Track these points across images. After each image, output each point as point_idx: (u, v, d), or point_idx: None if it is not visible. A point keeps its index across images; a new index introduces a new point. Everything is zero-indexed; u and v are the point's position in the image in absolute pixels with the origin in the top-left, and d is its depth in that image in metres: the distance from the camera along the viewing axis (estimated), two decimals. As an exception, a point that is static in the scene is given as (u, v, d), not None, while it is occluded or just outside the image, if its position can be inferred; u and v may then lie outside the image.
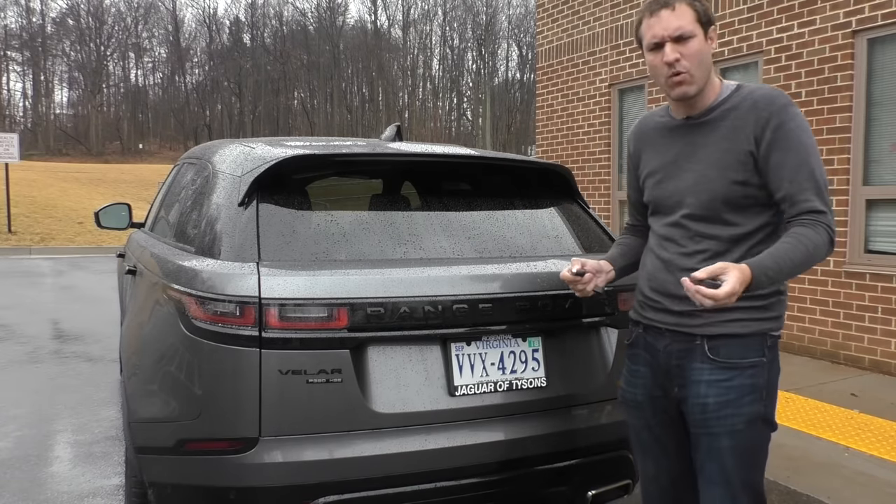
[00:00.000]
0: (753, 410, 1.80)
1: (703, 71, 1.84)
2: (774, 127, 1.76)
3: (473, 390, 2.25)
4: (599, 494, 2.48)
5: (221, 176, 2.59)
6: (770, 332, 1.83)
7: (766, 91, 1.82)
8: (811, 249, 1.70)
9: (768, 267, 1.67)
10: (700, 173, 1.85)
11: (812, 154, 1.77)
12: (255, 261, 2.19)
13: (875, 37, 5.31)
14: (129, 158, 54.42)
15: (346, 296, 2.11)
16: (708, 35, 1.85)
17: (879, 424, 4.06)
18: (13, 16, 73.01)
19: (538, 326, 2.38)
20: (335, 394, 2.08)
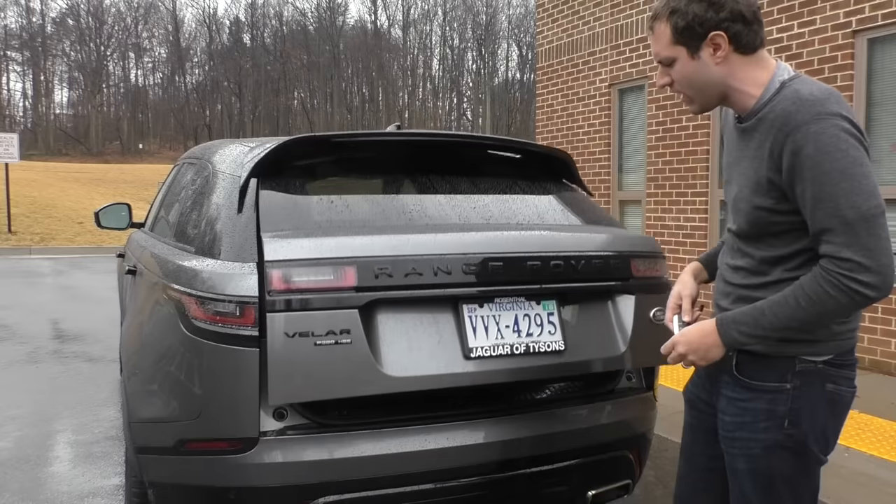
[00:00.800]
0: (770, 438, 1.63)
1: (697, 91, 1.66)
2: (790, 153, 1.50)
3: (489, 352, 2.18)
4: (599, 494, 2.48)
5: (221, 176, 2.59)
6: (802, 357, 1.62)
7: (788, 104, 1.53)
8: (811, 308, 1.50)
9: (742, 323, 1.57)
10: (739, 188, 1.68)
11: (839, 182, 1.45)
12: (255, 261, 2.19)
13: (875, 37, 5.31)
14: (129, 158, 54.41)
15: (352, 254, 2.06)
16: (703, 47, 1.60)
17: (879, 424, 4.06)
18: (13, 16, 73.06)
19: (552, 289, 2.30)
20: (345, 356, 2.00)
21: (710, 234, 6.73)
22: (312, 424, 2.14)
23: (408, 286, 2.10)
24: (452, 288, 2.16)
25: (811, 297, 1.50)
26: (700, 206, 6.79)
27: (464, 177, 2.69)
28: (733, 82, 1.63)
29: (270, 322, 2.00)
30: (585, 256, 2.35)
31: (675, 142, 7.04)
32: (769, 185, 1.57)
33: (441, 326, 2.17)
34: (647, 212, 7.45)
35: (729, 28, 1.57)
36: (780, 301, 1.54)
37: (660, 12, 1.64)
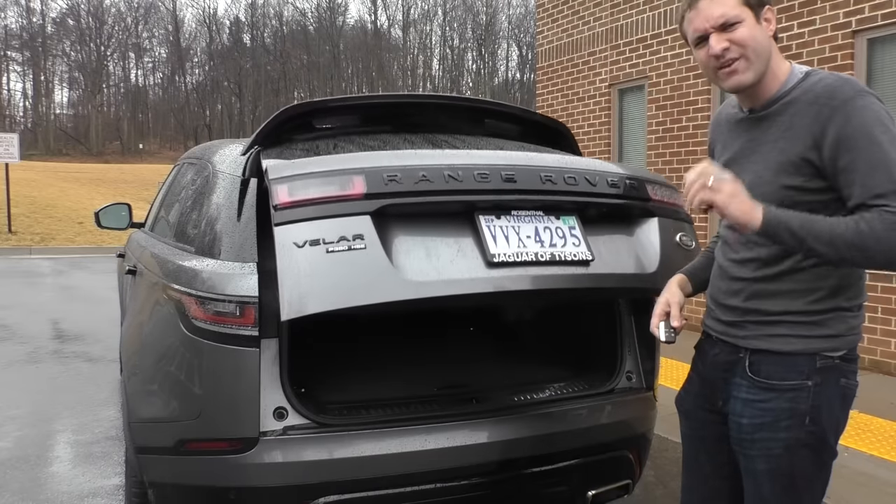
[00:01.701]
0: (792, 437, 1.63)
1: (759, 56, 1.63)
2: (838, 125, 1.53)
3: (513, 258, 2.03)
4: (599, 494, 2.48)
5: (221, 176, 2.59)
6: (822, 353, 1.62)
7: (831, 81, 1.58)
8: (863, 230, 1.48)
9: (790, 216, 1.52)
10: (756, 174, 1.66)
11: (888, 153, 1.50)
12: (254, 261, 2.19)
13: (875, 37, 5.31)
14: (129, 158, 54.40)
15: (358, 166, 1.97)
16: (762, 16, 1.63)
17: (879, 424, 4.06)
18: (13, 16, 73.06)
19: (570, 203, 2.19)
20: (360, 262, 1.87)
21: (709, 235, 6.73)
22: (312, 424, 2.14)
23: (419, 192, 1.98)
24: (466, 195, 2.04)
25: (873, 227, 1.48)
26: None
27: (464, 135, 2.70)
28: (772, 62, 1.66)
29: (279, 235, 1.87)
30: (600, 173, 2.25)
31: (675, 142, 7.04)
32: (801, 163, 1.58)
33: (459, 235, 2.03)
34: (647, 212, 7.45)
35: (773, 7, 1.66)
36: (837, 221, 1.52)
37: None
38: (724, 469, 1.81)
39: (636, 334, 2.67)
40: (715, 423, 1.79)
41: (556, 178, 2.16)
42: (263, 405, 2.10)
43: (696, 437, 1.88)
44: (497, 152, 2.25)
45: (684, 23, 1.71)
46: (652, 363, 2.65)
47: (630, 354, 2.65)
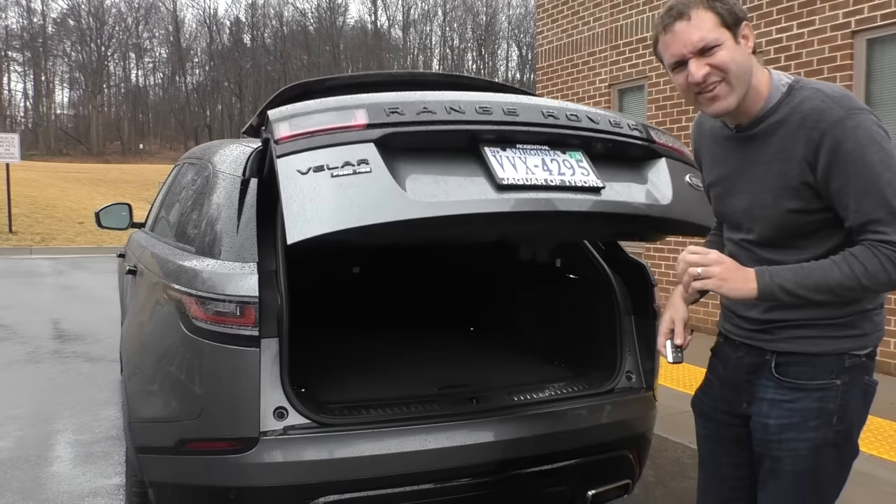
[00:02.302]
0: (819, 436, 1.62)
1: (740, 79, 1.58)
2: (829, 149, 1.50)
3: (523, 182, 1.97)
4: (599, 494, 2.48)
5: (222, 176, 2.60)
6: (850, 352, 1.62)
7: (817, 102, 1.53)
8: (857, 273, 1.49)
9: (784, 278, 1.53)
10: (755, 196, 1.65)
11: (881, 174, 1.47)
12: (255, 261, 2.19)
13: (874, 37, 5.31)
14: (130, 158, 54.40)
15: (359, 103, 1.94)
16: (740, 34, 1.58)
17: (879, 424, 4.06)
18: (14, 16, 73.08)
19: (575, 137, 2.13)
20: (366, 184, 1.82)
21: (710, 235, 6.73)
22: (313, 424, 2.14)
23: (422, 122, 1.94)
24: (469, 125, 2.00)
25: (867, 267, 1.49)
26: (700, 206, 6.79)
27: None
28: (753, 79, 1.60)
29: (281, 166, 1.82)
30: (602, 116, 2.22)
31: (675, 142, 7.04)
32: (800, 187, 1.56)
33: (465, 163, 1.99)
34: (647, 212, 7.45)
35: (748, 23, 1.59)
36: (829, 266, 1.52)
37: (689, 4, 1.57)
38: (741, 470, 1.80)
39: (636, 334, 2.67)
40: (734, 426, 1.79)
41: (559, 114, 2.13)
42: (263, 405, 2.10)
43: (715, 439, 1.86)
44: (495, 95, 2.22)
45: (659, 46, 1.66)
46: (652, 363, 2.65)
47: (630, 354, 2.65)
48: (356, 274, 3.73)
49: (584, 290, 2.93)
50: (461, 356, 3.19)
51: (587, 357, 2.88)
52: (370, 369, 2.94)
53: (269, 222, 2.36)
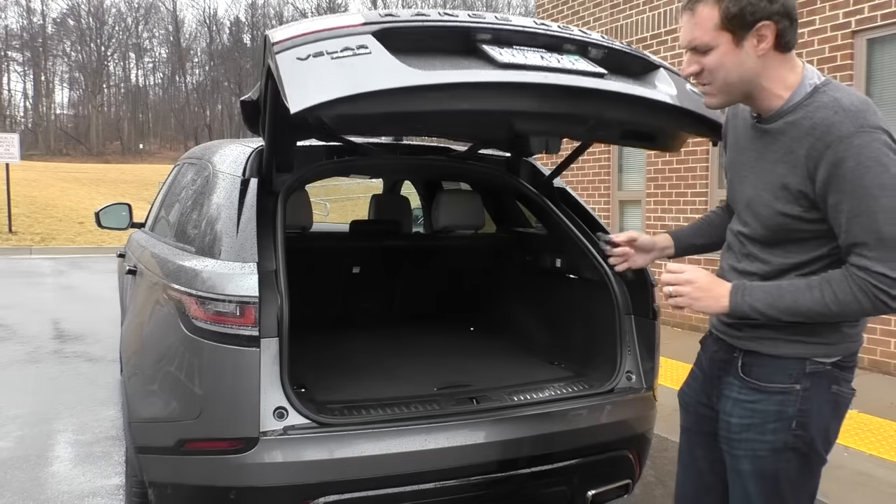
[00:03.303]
0: (778, 439, 1.63)
1: (727, 83, 1.59)
2: (830, 164, 1.47)
3: (522, 61, 1.94)
4: (599, 494, 2.48)
5: (221, 176, 2.60)
6: (812, 358, 1.61)
7: (829, 113, 1.49)
8: (828, 300, 1.50)
9: (757, 298, 1.57)
10: (757, 191, 1.65)
11: (879, 197, 1.44)
12: (255, 261, 2.19)
13: (874, 37, 5.31)
14: (130, 158, 54.40)
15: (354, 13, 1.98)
16: (749, 37, 1.53)
17: (879, 424, 4.06)
18: (14, 16, 73.09)
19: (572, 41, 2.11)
20: (366, 62, 1.80)
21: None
22: (313, 424, 2.14)
23: (417, 20, 1.94)
24: (464, 23, 1.98)
25: (839, 295, 1.50)
26: (700, 206, 6.79)
27: None
28: (764, 80, 1.58)
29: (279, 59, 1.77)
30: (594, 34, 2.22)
31: (675, 142, 7.03)
32: (798, 194, 1.54)
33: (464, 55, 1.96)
34: (646, 212, 7.45)
35: (778, 21, 1.53)
36: (803, 289, 1.53)
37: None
38: (717, 465, 1.81)
39: (636, 334, 2.67)
40: (712, 420, 1.80)
41: (551, 25, 2.14)
42: (263, 405, 2.10)
43: (694, 432, 1.88)
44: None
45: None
46: (652, 363, 2.65)
47: (630, 354, 2.65)
48: (356, 274, 3.73)
49: (584, 290, 2.93)
50: (461, 356, 3.19)
51: (587, 357, 2.87)
52: (370, 369, 2.94)
53: (269, 222, 2.36)
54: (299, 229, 3.13)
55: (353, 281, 3.71)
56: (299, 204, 2.98)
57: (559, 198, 3.12)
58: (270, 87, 1.96)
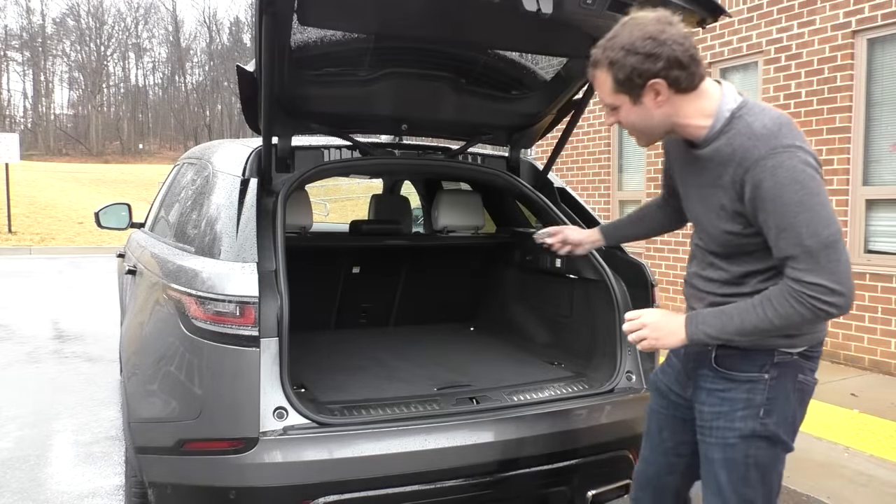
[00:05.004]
0: (747, 426, 1.71)
1: (643, 132, 1.74)
2: (751, 186, 1.58)
3: None
4: (599, 494, 2.48)
5: (221, 176, 2.60)
6: (780, 349, 1.70)
7: (744, 139, 1.60)
8: (770, 316, 1.59)
9: (709, 325, 1.67)
10: (702, 210, 1.76)
11: (798, 213, 1.53)
12: (255, 261, 2.19)
13: (875, 37, 5.31)
14: (129, 158, 54.39)
15: None
16: (643, 96, 1.64)
17: (879, 424, 4.06)
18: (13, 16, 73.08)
19: None
20: None
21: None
22: (312, 424, 2.14)
23: None
24: None
25: (778, 310, 1.58)
26: (700, 206, 6.79)
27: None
28: (679, 119, 1.69)
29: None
30: None
31: (675, 142, 7.04)
32: (734, 214, 1.65)
33: None
34: (647, 212, 7.45)
35: (668, 75, 1.61)
36: (748, 309, 1.62)
37: (599, 60, 1.66)
38: (682, 448, 1.94)
39: None
40: (682, 407, 1.92)
41: None
42: (263, 405, 2.10)
43: (665, 415, 1.98)
44: None
45: None
46: (652, 363, 2.65)
47: (630, 354, 2.65)
48: (356, 274, 3.73)
49: (584, 290, 2.93)
50: (461, 356, 3.19)
51: (587, 357, 2.87)
52: (370, 369, 2.94)
53: (269, 222, 2.36)
54: (299, 229, 3.12)
55: (353, 281, 3.71)
56: (299, 204, 2.98)
57: (559, 197, 3.12)
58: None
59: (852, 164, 5.46)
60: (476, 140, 3.09)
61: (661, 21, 1.60)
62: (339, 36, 2.47)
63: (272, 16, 2.04)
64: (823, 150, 5.59)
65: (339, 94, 2.73)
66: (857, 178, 5.44)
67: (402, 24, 2.35)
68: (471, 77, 2.80)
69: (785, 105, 5.88)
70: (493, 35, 2.50)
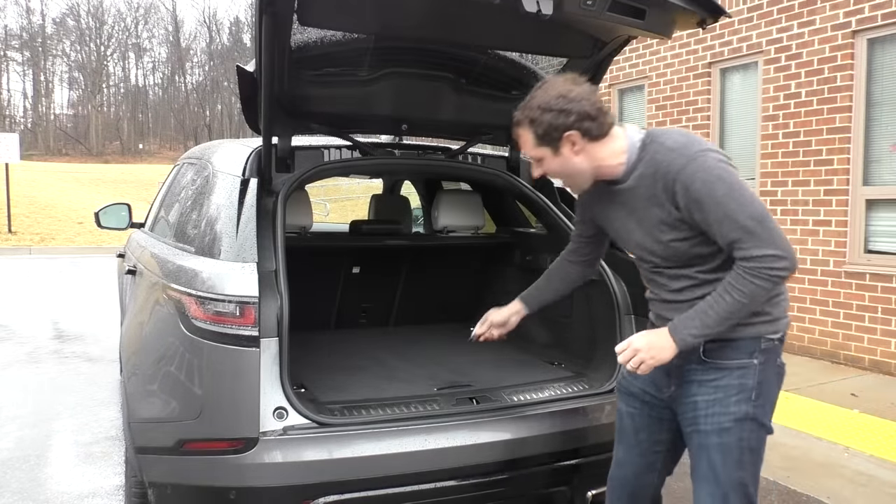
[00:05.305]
0: (741, 410, 1.84)
1: (570, 176, 1.94)
2: (682, 192, 1.78)
3: None
4: (599, 494, 2.47)
5: (221, 176, 2.60)
6: (765, 336, 1.86)
7: (662, 157, 1.82)
8: (745, 299, 1.75)
9: (691, 326, 1.80)
10: (643, 232, 1.92)
11: (729, 201, 1.73)
12: (254, 261, 2.19)
13: (875, 37, 5.31)
14: (129, 158, 54.41)
15: None
16: (561, 147, 1.86)
17: (879, 424, 4.06)
18: (13, 16, 73.07)
19: None
20: None
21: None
22: (312, 424, 2.14)
23: None
24: None
25: (743, 290, 1.74)
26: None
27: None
28: (598, 162, 1.91)
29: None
30: None
31: (675, 142, 7.03)
32: (676, 222, 1.83)
33: None
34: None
35: (580, 127, 1.85)
36: (717, 300, 1.78)
37: (520, 121, 1.91)
38: (657, 446, 2.08)
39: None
40: (658, 407, 2.04)
41: None
42: (263, 405, 2.09)
43: (639, 416, 2.09)
44: None
45: None
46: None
47: None
48: (356, 274, 3.73)
49: (584, 290, 2.93)
50: (461, 356, 3.19)
51: (587, 357, 2.87)
52: (370, 369, 2.94)
53: (269, 222, 2.35)
54: (299, 229, 3.12)
55: (353, 281, 3.71)
56: (299, 204, 2.98)
57: (559, 197, 3.12)
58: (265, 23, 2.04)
59: (852, 164, 5.46)
60: (476, 140, 3.09)
61: (570, 81, 1.88)
62: (339, 36, 2.47)
63: (272, 16, 2.04)
64: (823, 150, 5.59)
65: (339, 94, 2.73)
66: (857, 178, 5.44)
67: (403, 24, 2.36)
68: (471, 77, 2.80)
69: (785, 105, 5.88)
70: (494, 35, 2.50)
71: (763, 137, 6.12)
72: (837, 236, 5.54)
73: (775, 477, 3.35)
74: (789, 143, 5.87)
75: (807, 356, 5.72)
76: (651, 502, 2.16)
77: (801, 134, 5.76)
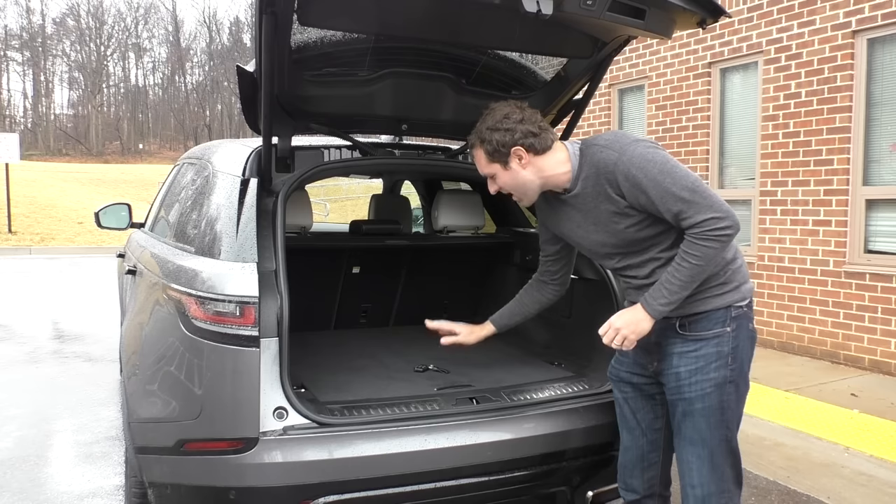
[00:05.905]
0: (720, 375, 2.03)
1: (521, 189, 2.15)
2: (623, 181, 1.99)
3: None
4: (599, 494, 2.48)
5: (221, 176, 2.60)
6: (734, 304, 2.05)
7: (599, 157, 2.03)
8: (700, 262, 1.93)
9: (659, 296, 1.99)
10: (601, 229, 2.11)
11: (664, 178, 1.93)
12: (255, 261, 2.19)
13: (875, 37, 5.31)
14: (129, 158, 54.42)
15: None
16: (508, 162, 2.10)
17: (879, 424, 4.06)
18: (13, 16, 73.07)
19: None
20: None
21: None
22: (312, 424, 2.13)
23: None
24: None
25: (697, 254, 1.93)
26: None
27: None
28: (546, 174, 2.13)
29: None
30: None
31: (675, 142, 7.04)
32: (627, 209, 2.03)
33: None
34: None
35: (524, 143, 2.09)
36: (677, 268, 1.96)
37: (473, 142, 2.16)
38: (656, 423, 2.25)
39: None
40: (647, 384, 2.22)
41: None
42: (263, 405, 2.09)
43: (633, 398, 2.26)
44: None
45: None
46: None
47: None
48: (356, 274, 3.73)
49: (584, 289, 2.93)
50: (461, 356, 3.18)
51: (587, 357, 2.87)
52: (370, 369, 2.94)
53: (269, 222, 2.35)
54: (299, 229, 3.12)
55: (353, 281, 3.71)
56: (299, 204, 2.98)
57: None
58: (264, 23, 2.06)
59: (852, 164, 5.46)
60: None
61: (514, 105, 2.12)
62: (340, 36, 2.47)
63: (272, 16, 2.04)
64: (823, 150, 5.59)
65: (340, 94, 2.73)
66: (857, 178, 5.44)
67: (403, 24, 2.36)
68: (471, 77, 2.80)
69: (785, 105, 5.88)
70: (494, 35, 2.50)
71: (763, 137, 6.12)
72: (837, 236, 5.54)
73: (775, 477, 3.35)
74: (789, 143, 5.87)
75: (807, 356, 5.72)
76: (662, 481, 2.31)
77: (801, 134, 5.76)
